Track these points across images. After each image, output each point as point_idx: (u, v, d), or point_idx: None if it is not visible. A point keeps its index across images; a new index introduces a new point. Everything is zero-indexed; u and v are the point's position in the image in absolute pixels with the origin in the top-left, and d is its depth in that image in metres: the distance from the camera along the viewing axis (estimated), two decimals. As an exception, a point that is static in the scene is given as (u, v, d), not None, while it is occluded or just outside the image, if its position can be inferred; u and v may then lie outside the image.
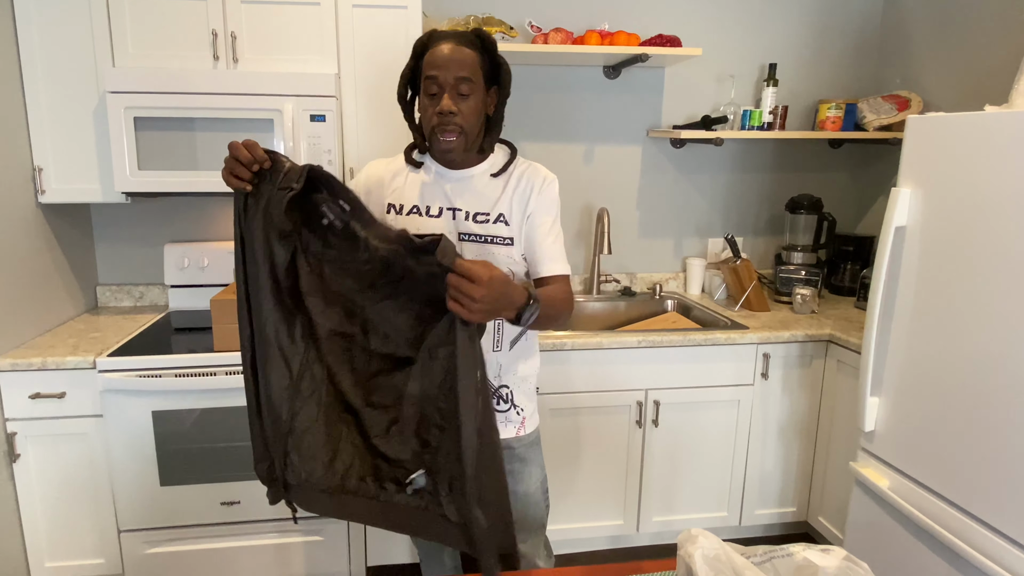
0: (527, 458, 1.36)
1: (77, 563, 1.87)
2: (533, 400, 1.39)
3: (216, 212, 2.31)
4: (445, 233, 1.04)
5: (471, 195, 1.28)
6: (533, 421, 1.39)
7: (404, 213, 1.30)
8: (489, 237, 1.27)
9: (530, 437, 1.37)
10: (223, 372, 1.78)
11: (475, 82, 1.19)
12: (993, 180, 1.42)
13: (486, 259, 1.17)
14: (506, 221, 1.27)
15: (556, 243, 1.29)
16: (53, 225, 2.02)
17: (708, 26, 2.47)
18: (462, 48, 1.19)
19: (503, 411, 1.33)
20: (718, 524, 2.24)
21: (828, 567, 0.86)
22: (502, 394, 1.33)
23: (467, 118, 1.20)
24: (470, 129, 1.21)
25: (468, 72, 1.18)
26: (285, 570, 1.96)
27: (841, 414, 2.10)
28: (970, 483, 1.49)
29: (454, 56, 1.18)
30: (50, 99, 1.86)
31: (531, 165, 1.32)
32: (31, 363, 1.71)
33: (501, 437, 1.16)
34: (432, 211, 1.29)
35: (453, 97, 1.18)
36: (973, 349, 1.48)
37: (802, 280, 2.42)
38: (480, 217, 1.27)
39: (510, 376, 1.33)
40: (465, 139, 1.21)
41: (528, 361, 1.36)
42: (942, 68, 2.30)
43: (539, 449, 1.41)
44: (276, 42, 1.92)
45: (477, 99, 1.21)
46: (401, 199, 1.31)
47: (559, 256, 1.29)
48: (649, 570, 1.03)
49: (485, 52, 1.22)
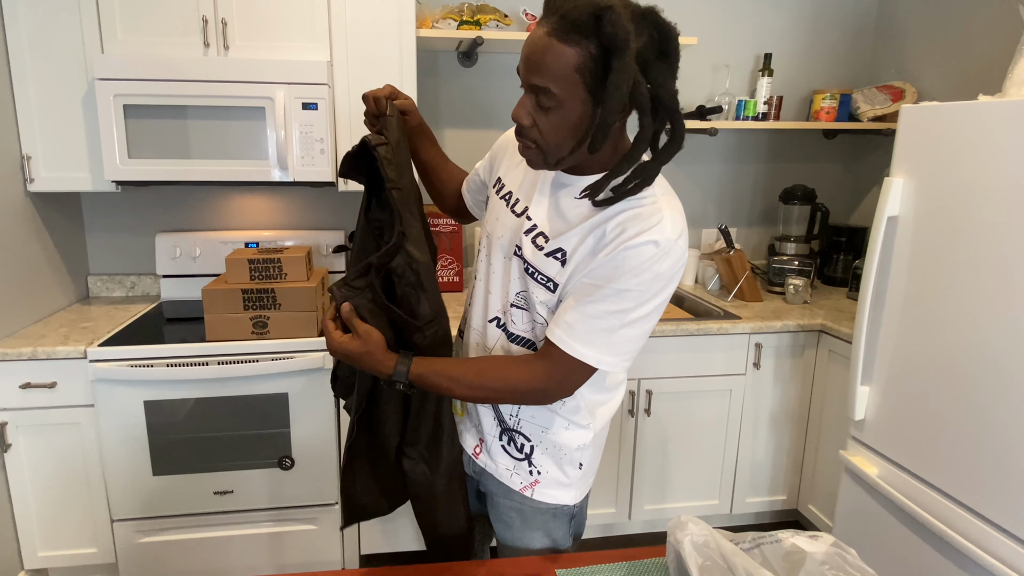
0: (528, 520, 1.11)
1: (70, 552, 1.87)
2: (565, 473, 1.08)
3: (208, 201, 2.30)
4: (513, 237, 1.02)
5: (552, 209, 0.99)
6: (554, 492, 1.09)
7: (499, 194, 1.08)
8: (534, 270, 0.98)
9: (542, 505, 1.09)
10: (215, 362, 1.77)
11: (561, 94, 0.84)
12: (986, 170, 1.43)
13: (526, 292, 1.00)
14: (563, 260, 0.95)
15: (587, 316, 0.91)
16: (43, 214, 2.00)
17: (704, 15, 2.46)
18: (553, 42, 0.82)
19: (515, 458, 1.08)
20: (709, 512, 2.26)
21: (816, 553, 0.87)
22: (515, 439, 1.08)
23: (546, 136, 0.88)
24: (553, 148, 0.90)
25: (549, 81, 0.83)
26: (279, 559, 1.96)
27: (832, 403, 2.12)
28: (958, 471, 1.51)
29: (533, 53, 0.84)
30: (38, 86, 1.84)
31: (643, 211, 0.90)
32: (21, 353, 1.70)
33: (503, 483, 1.09)
34: (517, 207, 1.04)
35: (531, 105, 0.88)
36: (963, 339, 1.49)
37: (795, 270, 2.43)
38: (540, 240, 0.98)
39: (532, 428, 1.07)
40: (544, 156, 0.92)
41: (570, 432, 1.06)
42: (937, 59, 2.30)
43: (556, 524, 1.11)
44: (268, 29, 1.89)
45: (566, 113, 0.86)
46: (507, 177, 1.09)
47: (578, 329, 0.91)
48: (640, 557, 1.04)
49: (599, 45, 0.81)
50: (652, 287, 0.90)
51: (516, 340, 1.04)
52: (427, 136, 1.22)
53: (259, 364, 1.79)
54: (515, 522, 1.11)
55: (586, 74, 0.82)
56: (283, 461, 1.88)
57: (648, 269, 0.89)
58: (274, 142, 1.88)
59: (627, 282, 0.89)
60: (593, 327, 0.91)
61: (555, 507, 1.10)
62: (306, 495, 1.92)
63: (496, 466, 1.10)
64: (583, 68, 0.82)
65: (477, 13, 2.13)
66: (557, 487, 1.08)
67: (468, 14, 2.13)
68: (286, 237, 2.28)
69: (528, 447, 1.07)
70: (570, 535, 1.14)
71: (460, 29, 2.10)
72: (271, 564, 1.96)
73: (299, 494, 1.91)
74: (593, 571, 1.00)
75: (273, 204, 2.34)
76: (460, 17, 2.12)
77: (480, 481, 1.16)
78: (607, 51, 0.80)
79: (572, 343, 0.92)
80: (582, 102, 0.85)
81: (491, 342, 1.07)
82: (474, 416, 1.12)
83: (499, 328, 1.05)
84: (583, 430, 1.07)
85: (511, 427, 1.08)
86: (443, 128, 2.40)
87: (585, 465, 1.10)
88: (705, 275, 2.58)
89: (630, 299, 0.90)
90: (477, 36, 2.05)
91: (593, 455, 1.11)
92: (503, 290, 1.04)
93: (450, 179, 1.26)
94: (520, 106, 0.89)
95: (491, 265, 1.06)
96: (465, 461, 1.16)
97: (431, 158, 1.24)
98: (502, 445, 1.09)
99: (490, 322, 1.07)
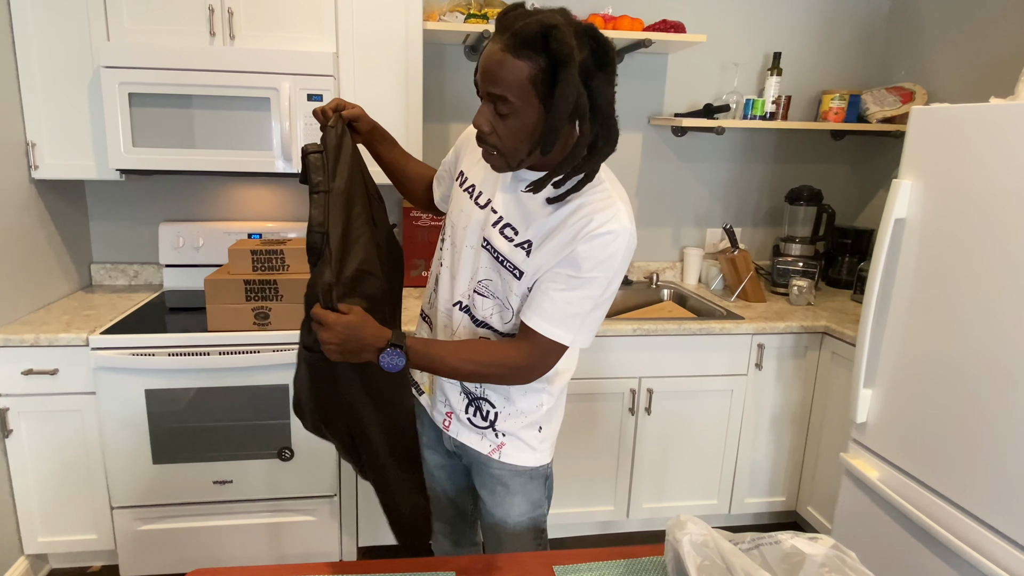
0: (510, 486, 1.21)
1: (70, 538, 1.88)
2: (527, 437, 1.19)
3: (212, 191, 2.29)
4: (477, 228, 1.10)
5: (515, 203, 1.07)
6: (520, 454, 1.19)
7: (463, 187, 1.16)
8: (504, 258, 1.08)
9: (511, 467, 1.20)
10: (216, 352, 1.77)
11: (517, 103, 0.94)
12: (996, 174, 1.41)
13: (493, 280, 1.09)
14: (528, 251, 1.05)
15: (561, 302, 1.02)
16: (47, 201, 2.00)
17: (713, 12, 2.44)
18: (507, 56, 0.92)
19: (479, 427, 1.19)
20: (708, 512, 2.25)
21: (816, 555, 0.87)
22: (481, 406, 1.18)
23: (504, 141, 0.98)
24: (512, 151, 0.99)
25: (505, 90, 0.93)
26: (277, 549, 1.97)
27: (833, 406, 2.11)
28: (960, 476, 1.50)
29: (490, 66, 0.94)
30: (44, 73, 1.83)
31: (595, 203, 1.01)
32: (24, 339, 1.71)
33: (476, 450, 1.20)
34: (480, 200, 1.12)
35: (489, 113, 0.97)
36: (968, 344, 1.48)
37: (799, 272, 2.42)
38: (508, 232, 1.07)
39: (495, 396, 1.17)
40: (506, 159, 1.01)
41: (528, 398, 1.17)
42: (948, 61, 2.28)
43: (534, 485, 1.23)
44: (274, 19, 1.89)
45: (522, 119, 0.95)
46: (470, 171, 1.17)
47: (553, 315, 1.02)
48: (638, 555, 1.03)
49: (548, 59, 0.91)
50: (616, 271, 1.02)
51: (480, 324, 1.13)
52: (385, 139, 1.30)
53: (260, 355, 1.79)
54: (497, 488, 1.22)
55: (538, 84, 0.92)
56: (283, 452, 1.88)
57: (612, 256, 1.00)
58: (279, 133, 1.88)
59: (594, 270, 1.00)
60: (567, 312, 1.02)
61: (529, 469, 1.21)
62: (305, 486, 1.92)
63: (468, 434, 1.20)
64: (535, 79, 0.92)
65: (485, 7, 2.12)
66: (521, 451, 1.20)
67: (476, 8, 2.12)
68: (289, 229, 2.28)
69: (493, 413, 1.18)
70: (546, 497, 1.26)
71: (467, 23, 2.09)
72: (269, 554, 1.97)
73: (298, 485, 1.92)
74: (591, 569, 1.00)
75: (277, 195, 2.34)
76: (467, 11, 2.11)
77: (462, 455, 1.25)
78: (554, 64, 0.91)
79: (550, 327, 1.03)
80: (535, 109, 0.95)
81: (455, 324, 1.16)
82: (441, 392, 1.21)
83: (462, 311, 1.15)
84: (541, 394, 1.18)
85: (478, 395, 1.17)
86: (448, 122, 2.39)
87: (544, 429, 1.21)
88: (709, 275, 2.57)
89: (597, 285, 1.02)
90: (484, 30, 2.03)
91: (552, 418, 1.22)
92: (468, 277, 1.13)
93: (415, 176, 1.35)
94: (480, 114, 0.98)
95: (457, 253, 1.15)
96: (445, 440, 1.26)
97: (392, 159, 1.32)
98: (468, 417, 1.19)
99: (454, 306, 1.15)
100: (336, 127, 1.10)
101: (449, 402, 1.21)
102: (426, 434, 1.31)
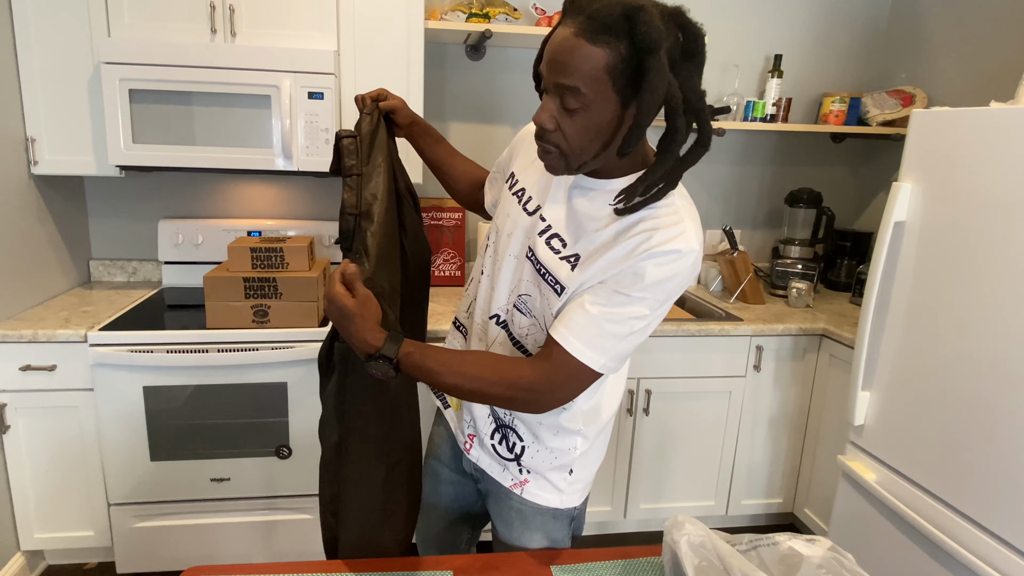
0: (529, 522, 1.09)
1: (66, 535, 1.87)
2: (555, 478, 1.06)
3: (212, 188, 2.29)
4: (523, 236, 0.99)
5: (567, 212, 0.95)
6: (545, 494, 1.07)
7: (512, 190, 1.05)
8: (546, 271, 0.94)
9: (532, 504, 1.08)
10: (215, 349, 1.77)
11: (590, 95, 0.81)
12: (996, 177, 1.41)
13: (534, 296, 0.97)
14: (574, 265, 0.92)
15: (597, 317, 0.88)
16: (46, 197, 1.99)
17: (714, 14, 2.44)
18: (582, 42, 0.79)
19: (504, 458, 1.07)
20: (705, 513, 2.26)
21: (813, 557, 0.87)
22: (508, 436, 1.06)
23: (570, 139, 0.85)
24: (577, 151, 0.86)
25: (578, 81, 0.80)
26: (273, 547, 1.97)
27: (831, 408, 2.11)
28: (957, 480, 1.50)
29: (560, 54, 0.80)
30: (44, 68, 1.83)
31: (659, 219, 0.88)
32: (22, 335, 1.70)
33: (497, 480, 1.09)
34: (529, 205, 1.00)
35: (555, 108, 0.84)
36: (967, 347, 1.48)
37: (798, 274, 2.42)
38: (555, 243, 0.95)
39: (524, 429, 1.04)
40: (567, 160, 0.88)
41: (559, 438, 1.03)
42: (949, 64, 2.28)
43: (557, 525, 1.09)
44: (275, 16, 1.88)
45: (593, 115, 0.83)
46: (522, 173, 1.05)
47: (585, 330, 0.88)
48: (636, 556, 1.03)
49: (631, 46, 0.78)
50: (670, 295, 0.89)
51: (516, 344, 1.02)
52: (428, 134, 1.23)
53: (259, 353, 1.79)
54: (515, 522, 1.10)
55: (616, 75, 0.80)
56: (280, 450, 1.88)
57: (669, 277, 0.87)
58: (279, 131, 1.87)
59: (647, 290, 0.87)
60: (602, 330, 0.87)
61: (553, 509, 1.08)
62: (302, 485, 1.92)
63: (489, 461, 1.10)
64: (613, 69, 0.79)
65: (486, 6, 2.12)
66: (546, 490, 1.06)
67: (477, 7, 2.12)
68: (289, 226, 2.28)
69: (519, 447, 1.05)
70: (569, 536, 1.13)
71: (469, 22, 2.08)
72: (266, 552, 1.97)
73: (295, 483, 1.91)
74: (588, 569, 1.00)
75: (277, 193, 2.33)
76: (469, 10, 2.11)
77: (479, 480, 1.15)
78: (639, 51, 0.78)
79: (577, 344, 0.88)
80: (611, 104, 0.82)
81: (491, 339, 1.05)
82: (467, 410, 1.10)
83: (499, 326, 1.04)
84: (574, 436, 1.03)
85: (506, 423, 1.05)
86: (449, 122, 2.39)
87: (576, 472, 1.06)
88: (708, 276, 2.57)
89: (646, 305, 0.88)
90: (486, 29, 2.03)
91: (587, 462, 1.07)
92: (508, 290, 1.02)
93: (462, 175, 1.27)
94: (543, 110, 0.85)
95: (499, 262, 1.03)
96: (464, 463, 1.16)
97: (436, 155, 1.26)
98: (493, 443, 1.07)
99: (490, 319, 1.05)
100: (372, 115, 1.09)
101: (475, 423, 1.08)
102: (443, 446, 1.21)
